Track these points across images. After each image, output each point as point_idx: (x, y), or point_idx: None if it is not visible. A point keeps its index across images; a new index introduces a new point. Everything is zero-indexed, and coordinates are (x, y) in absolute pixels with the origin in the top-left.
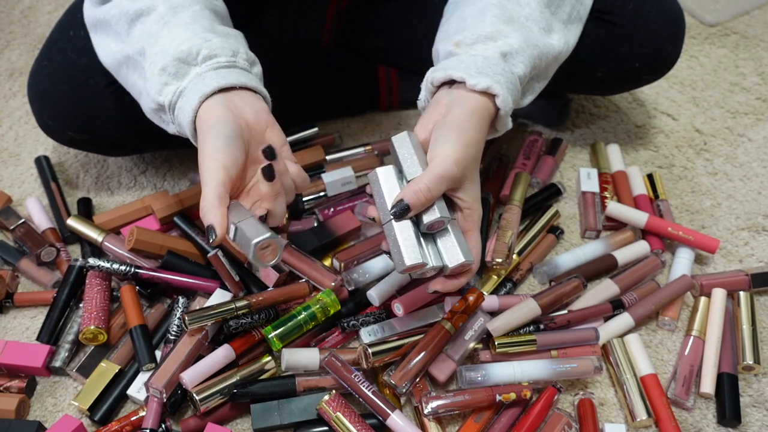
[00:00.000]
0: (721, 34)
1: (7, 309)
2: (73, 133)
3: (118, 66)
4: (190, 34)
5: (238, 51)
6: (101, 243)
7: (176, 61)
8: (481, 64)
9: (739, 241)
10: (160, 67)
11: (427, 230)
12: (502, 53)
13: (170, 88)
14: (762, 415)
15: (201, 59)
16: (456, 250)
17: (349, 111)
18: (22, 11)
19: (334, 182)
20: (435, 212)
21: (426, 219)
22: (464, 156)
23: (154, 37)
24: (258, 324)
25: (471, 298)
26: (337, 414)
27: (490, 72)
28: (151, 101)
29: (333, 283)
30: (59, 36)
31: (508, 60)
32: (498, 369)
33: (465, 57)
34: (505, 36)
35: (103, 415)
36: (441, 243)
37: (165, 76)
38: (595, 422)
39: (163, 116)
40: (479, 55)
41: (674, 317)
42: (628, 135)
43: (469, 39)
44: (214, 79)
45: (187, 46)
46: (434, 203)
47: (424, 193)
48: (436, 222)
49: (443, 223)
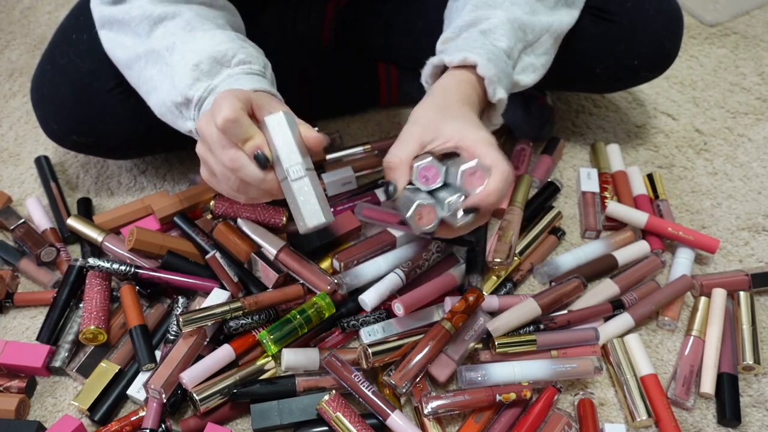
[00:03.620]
0: (721, 34)
1: (7, 309)
2: (77, 137)
3: (133, 60)
4: (226, 38)
5: (267, 65)
6: (101, 243)
7: (211, 59)
8: (461, 45)
9: (739, 241)
10: (194, 63)
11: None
12: (481, 31)
13: (202, 84)
14: (762, 415)
15: (235, 62)
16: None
17: (348, 108)
18: (21, 11)
19: (334, 182)
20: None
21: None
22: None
23: (186, 36)
24: (258, 324)
25: (471, 298)
26: (337, 414)
27: (467, 47)
28: (178, 94)
29: (328, 287)
30: (62, 39)
31: (487, 35)
32: (498, 369)
33: (449, 48)
34: (485, 18)
35: (103, 415)
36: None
37: (197, 72)
38: (595, 422)
39: (184, 112)
40: (461, 39)
41: (674, 317)
42: (628, 135)
43: (453, 33)
44: (248, 81)
45: (224, 48)
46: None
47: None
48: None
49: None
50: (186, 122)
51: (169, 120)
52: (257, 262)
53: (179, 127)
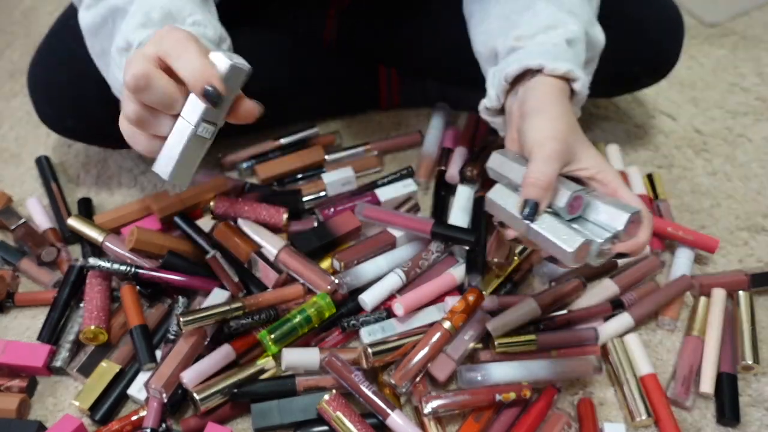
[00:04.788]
0: (721, 34)
1: (7, 309)
2: (72, 121)
3: (101, 23)
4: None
5: (225, 39)
6: (102, 243)
7: (165, 11)
8: (553, 51)
9: (738, 241)
10: (145, 11)
11: (571, 213)
12: (567, 40)
13: (147, 31)
14: (761, 414)
15: (189, 22)
16: (612, 210)
17: (349, 110)
18: (22, 12)
19: (334, 182)
20: (564, 191)
21: (560, 203)
22: (557, 129)
23: None
24: (258, 324)
25: (471, 298)
26: (337, 414)
27: (563, 57)
28: (122, 39)
29: (329, 287)
30: (60, 26)
31: (573, 46)
32: (498, 369)
33: (533, 48)
34: (564, 23)
35: (103, 415)
36: (596, 216)
37: (146, 19)
38: (595, 422)
39: (123, 60)
40: (547, 43)
41: (674, 317)
42: (628, 135)
43: (528, 32)
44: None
45: (181, 5)
46: (557, 186)
47: (541, 178)
48: (572, 200)
49: (581, 198)
50: (119, 71)
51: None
52: (257, 262)
53: (118, 82)
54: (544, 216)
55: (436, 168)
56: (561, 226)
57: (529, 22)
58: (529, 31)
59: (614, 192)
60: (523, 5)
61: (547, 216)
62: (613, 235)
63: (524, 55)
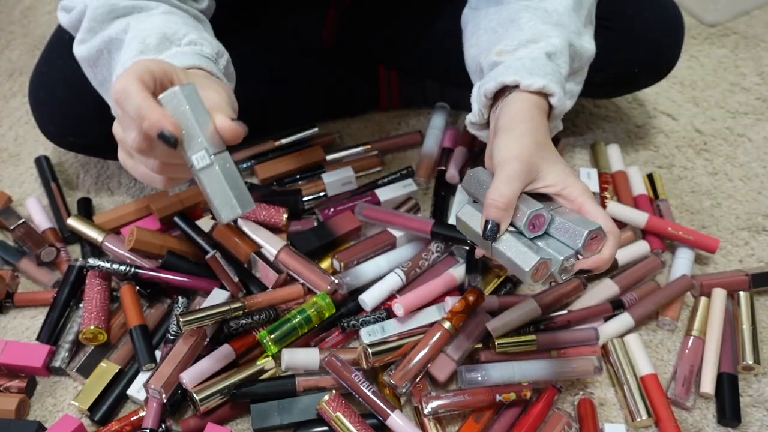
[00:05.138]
0: (721, 34)
1: (7, 309)
2: (74, 138)
3: (96, 55)
4: (182, 21)
5: (223, 54)
6: (101, 243)
7: (161, 35)
8: (530, 66)
9: (739, 241)
10: (142, 37)
11: (533, 232)
12: (547, 53)
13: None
14: (762, 415)
15: (185, 42)
16: (572, 227)
17: (349, 111)
18: (22, 11)
19: (334, 182)
20: (525, 210)
21: (521, 222)
22: (522, 148)
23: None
24: (258, 324)
25: (471, 298)
26: (337, 414)
27: (541, 72)
28: (121, 67)
29: (329, 287)
30: (58, 41)
31: (553, 59)
32: (498, 369)
33: (512, 62)
34: (546, 36)
35: (103, 415)
36: (559, 233)
37: (143, 46)
38: (595, 422)
39: None
40: (526, 57)
41: (674, 317)
42: (628, 135)
43: (510, 46)
44: (193, 58)
45: (176, 27)
46: (519, 205)
47: (500, 200)
48: (534, 218)
49: (541, 216)
50: None
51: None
52: (257, 262)
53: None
54: (507, 235)
55: (436, 168)
56: (520, 245)
57: (512, 36)
58: (510, 45)
59: (580, 207)
60: (508, 18)
61: (510, 235)
62: (575, 252)
63: (502, 71)
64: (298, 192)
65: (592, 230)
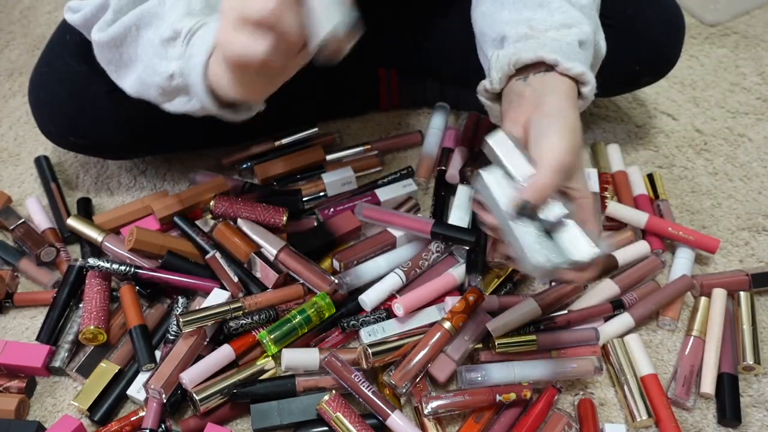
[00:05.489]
0: (721, 34)
1: (6, 309)
2: (74, 138)
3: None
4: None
5: None
6: (101, 243)
7: (204, 2)
8: (567, 50)
9: (739, 241)
10: (185, 2)
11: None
12: (580, 41)
13: (193, 19)
14: (762, 415)
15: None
16: (584, 244)
17: (349, 111)
18: (21, 11)
19: (334, 182)
20: (558, 208)
21: (548, 216)
22: (574, 143)
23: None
24: (258, 324)
25: (471, 298)
26: (337, 414)
27: (577, 58)
28: (167, 28)
29: (329, 287)
30: (58, 41)
31: (584, 49)
32: (498, 369)
33: (546, 41)
34: (579, 23)
35: (102, 416)
36: (564, 237)
37: (188, 8)
38: (596, 422)
39: (169, 50)
40: (561, 40)
41: (674, 317)
42: (628, 135)
43: (541, 25)
44: None
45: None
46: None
47: (548, 187)
48: (560, 218)
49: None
50: (169, 63)
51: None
52: (257, 262)
53: (158, 76)
54: (524, 219)
55: (436, 168)
56: (534, 236)
57: (542, 17)
58: (542, 24)
59: (586, 221)
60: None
61: (527, 220)
62: (572, 263)
63: (539, 45)
64: (298, 192)
65: (597, 254)
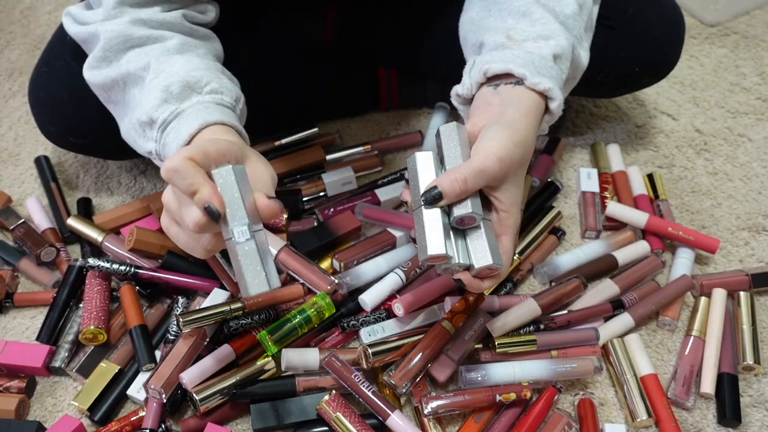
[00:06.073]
0: (721, 34)
1: (6, 309)
2: (74, 138)
3: (110, 84)
4: (203, 65)
5: (240, 98)
6: (101, 243)
7: (183, 83)
8: (539, 64)
9: (739, 241)
10: (165, 84)
11: (457, 224)
12: (555, 55)
13: (169, 107)
14: (762, 415)
15: (207, 90)
16: (486, 251)
17: (349, 111)
18: (21, 11)
19: (334, 182)
20: (467, 206)
21: (457, 212)
22: (509, 155)
23: (162, 57)
24: (257, 324)
25: (471, 298)
26: (337, 414)
27: (547, 74)
28: (143, 113)
29: (329, 287)
30: (58, 41)
31: (557, 63)
32: (498, 369)
33: (520, 52)
34: (557, 36)
35: (102, 415)
36: (471, 241)
37: (167, 94)
38: (596, 422)
39: (147, 132)
40: (535, 53)
41: (674, 317)
42: (628, 135)
43: (519, 35)
44: (215, 112)
45: (198, 75)
46: (468, 198)
47: (460, 183)
48: (466, 217)
49: (474, 219)
50: (147, 143)
51: (131, 139)
52: None
53: (139, 148)
54: (437, 210)
55: None
56: (440, 227)
57: (522, 28)
58: (520, 35)
59: (500, 234)
60: (520, 9)
61: (439, 212)
62: (469, 265)
63: (511, 57)
64: (298, 192)
65: (494, 265)
